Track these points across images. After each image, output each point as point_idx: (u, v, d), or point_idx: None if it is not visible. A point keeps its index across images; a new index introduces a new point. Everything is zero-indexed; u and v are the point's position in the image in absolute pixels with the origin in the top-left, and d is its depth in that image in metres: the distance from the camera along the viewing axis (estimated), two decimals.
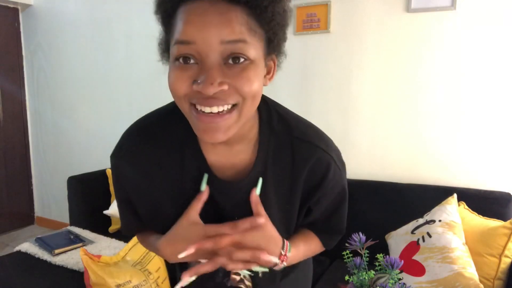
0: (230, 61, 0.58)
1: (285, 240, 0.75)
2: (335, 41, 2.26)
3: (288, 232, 0.79)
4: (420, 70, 2.07)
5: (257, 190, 0.71)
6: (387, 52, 2.14)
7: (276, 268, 0.74)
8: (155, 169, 0.73)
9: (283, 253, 0.73)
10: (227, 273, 0.80)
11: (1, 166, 3.50)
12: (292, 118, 0.77)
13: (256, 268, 0.72)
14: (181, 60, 0.59)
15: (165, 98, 0.75)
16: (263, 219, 0.68)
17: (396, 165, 2.19)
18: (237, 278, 0.79)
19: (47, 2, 3.39)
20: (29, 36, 3.56)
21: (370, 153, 2.25)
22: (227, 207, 0.74)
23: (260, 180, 0.71)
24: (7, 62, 3.50)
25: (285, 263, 0.73)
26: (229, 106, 0.60)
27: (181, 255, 0.66)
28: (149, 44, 2.91)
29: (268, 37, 0.63)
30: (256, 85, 0.60)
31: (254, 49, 0.60)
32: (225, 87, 0.58)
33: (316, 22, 2.28)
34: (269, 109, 0.75)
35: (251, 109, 0.63)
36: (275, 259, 0.71)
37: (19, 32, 3.57)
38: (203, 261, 0.69)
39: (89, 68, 3.25)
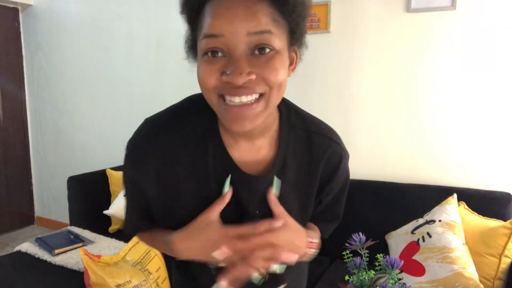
0: (257, 52, 0.60)
1: (307, 229, 0.77)
2: (335, 41, 2.26)
3: (304, 224, 0.80)
4: (420, 70, 2.07)
5: (274, 190, 0.72)
6: (387, 52, 2.14)
7: (307, 256, 0.75)
8: (178, 165, 0.71)
9: (311, 240, 0.76)
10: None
11: (1, 166, 3.50)
12: (307, 114, 0.81)
13: (276, 267, 0.71)
14: (209, 54, 0.61)
15: (165, 98, 0.75)
16: (282, 220, 0.69)
17: (396, 165, 2.19)
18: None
19: (47, 2, 3.39)
20: (29, 36, 3.56)
21: (370, 153, 2.25)
22: (250, 202, 0.73)
23: (275, 179, 0.72)
24: (7, 62, 3.50)
25: (315, 250, 0.76)
26: (257, 96, 0.62)
27: (215, 254, 0.66)
28: (149, 44, 2.92)
29: (290, 28, 0.65)
30: (282, 75, 0.62)
31: (278, 40, 0.61)
32: (253, 76, 0.60)
33: (316, 22, 2.28)
34: (287, 106, 0.78)
35: (277, 98, 0.64)
36: (306, 251, 0.74)
37: (19, 32, 3.57)
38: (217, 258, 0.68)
39: (89, 68, 3.25)
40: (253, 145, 0.72)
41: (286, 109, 0.77)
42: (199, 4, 0.63)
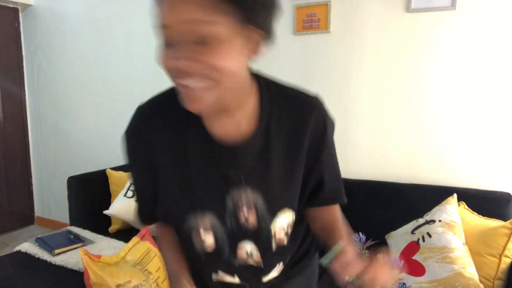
0: (202, 41, 0.60)
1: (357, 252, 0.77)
2: (335, 41, 2.26)
3: (291, 192, 0.81)
4: (420, 70, 2.07)
5: (326, 260, 0.73)
6: (387, 52, 2.14)
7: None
8: (162, 144, 0.76)
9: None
10: (233, 251, 0.80)
11: (1, 166, 3.50)
12: (286, 84, 0.82)
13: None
14: (163, 42, 0.64)
15: None
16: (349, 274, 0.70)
17: (396, 165, 2.19)
18: (244, 255, 0.81)
19: (47, 2, 3.39)
20: (29, 36, 3.56)
21: (370, 153, 2.25)
22: (233, 172, 0.76)
23: (332, 252, 0.72)
24: (7, 62, 3.50)
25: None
26: (203, 84, 0.63)
27: None
28: (149, 44, 2.91)
29: (243, 13, 0.62)
30: (228, 63, 0.63)
31: (222, 28, 0.61)
32: (193, 63, 0.61)
33: (316, 22, 2.28)
34: (266, 79, 0.80)
35: (231, 83, 0.65)
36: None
37: (19, 32, 3.57)
38: None
39: (89, 68, 3.25)
40: (233, 119, 0.74)
41: (265, 82, 0.79)
42: None
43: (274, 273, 0.88)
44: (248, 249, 0.81)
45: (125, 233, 2.31)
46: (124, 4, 2.98)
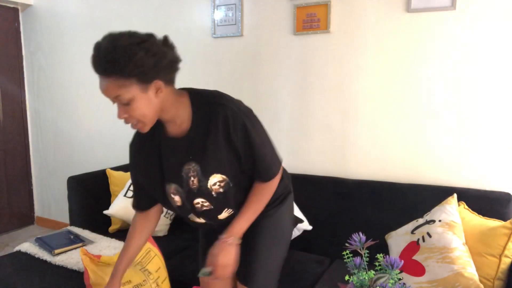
0: (126, 103, 1.07)
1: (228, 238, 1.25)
2: (335, 41, 2.26)
3: (218, 162, 1.20)
4: (420, 70, 2.07)
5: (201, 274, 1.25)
6: (387, 52, 2.14)
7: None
8: (146, 147, 1.29)
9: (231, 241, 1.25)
10: (192, 205, 1.26)
11: (1, 166, 3.50)
12: (205, 92, 1.22)
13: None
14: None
15: None
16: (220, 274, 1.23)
17: (396, 165, 2.19)
18: (199, 205, 1.26)
19: (47, 2, 3.39)
20: (29, 36, 3.56)
21: (370, 153, 2.25)
22: (172, 155, 1.24)
23: (202, 271, 1.25)
24: (7, 62, 3.50)
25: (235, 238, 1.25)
26: (137, 123, 1.13)
27: None
28: None
29: (140, 79, 1.05)
30: (141, 109, 1.09)
31: (129, 93, 1.05)
32: (126, 115, 1.10)
33: (316, 22, 2.29)
34: (194, 93, 1.22)
35: (149, 118, 1.12)
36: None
37: (19, 32, 3.57)
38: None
39: (89, 68, 3.21)
40: (176, 124, 1.21)
41: (194, 95, 1.21)
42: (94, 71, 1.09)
43: (225, 214, 1.30)
44: (200, 201, 1.26)
45: (125, 233, 2.27)
46: (124, 4, 2.98)
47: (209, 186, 1.22)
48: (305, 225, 2.14)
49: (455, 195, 1.79)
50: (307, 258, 2.07)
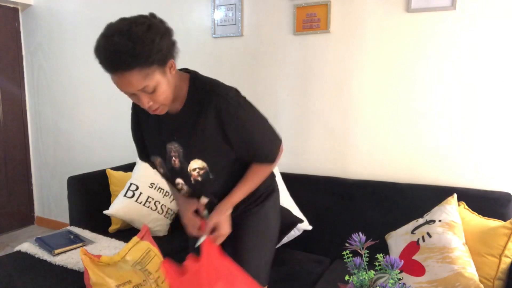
0: (151, 91, 1.08)
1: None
2: (335, 41, 2.26)
3: (201, 148, 1.22)
4: (420, 70, 2.07)
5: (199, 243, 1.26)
6: (387, 52, 2.14)
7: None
8: (141, 116, 1.34)
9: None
10: (174, 183, 1.33)
11: (1, 166, 3.51)
12: (205, 79, 1.23)
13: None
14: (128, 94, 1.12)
15: None
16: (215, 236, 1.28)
17: (396, 165, 2.19)
18: (180, 186, 1.32)
19: (47, 2, 3.39)
20: (29, 36, 3.56)
21: (370, 153, 2.25)
22: (168, 129, 1.25)
23: (202, 238, 1.26)
24: (7, 62, 3.50)
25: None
26: (160, 107, 1.14)
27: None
28: None
29: (160, 63, 1.06)
30: (165, 93, 1.11)
31: (153, 81, 1.06)
32: (151, 103, 1.11)
33: (316, 22, 2.29)
34: (195, 77, 1.22)
35: (169, 100, 1.15)
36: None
37: (19, 32, 3.57)
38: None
39: (89, 68, 3.25)
40: (174, 104, 1.22)
41: (193, 78, 1.22)
42: (108, 72, 1.08)
43: (205, 199, 1.33)
44: (180, 182, 1.31)
45: (125, 233, 2.31)
46: (124, 3, 2.98)
47: (189, 170, 1.25)
48: (305, 225, 2.14)
49: (455, 195, 1.79)
50: (307, 258, 2.07)
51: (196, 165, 1.24)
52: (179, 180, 1.30)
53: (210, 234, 1.26)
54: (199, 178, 1.26)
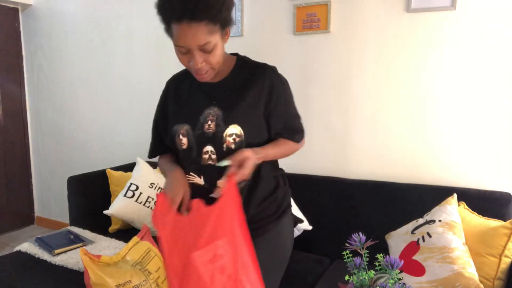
0: (205, 48, 1.08)
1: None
2: (335, 41, 2.26)
3: (241, 114, 1.20)
4: (420, 70, 2.07)
5: (223, 163, 1.15)
6: (387, 52, 2.14)
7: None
8: (176, 86, 1.34)
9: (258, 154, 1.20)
10: (199, 153, 1.23)
11: (1, 166, 3.51)
12: (257, 61, 1.29)
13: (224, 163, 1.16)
14: (181, 50, 1.11)
15: None
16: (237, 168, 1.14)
17: (396, 165, 2.19)
18: (206, 155, 1.23)
19: (47, 2, 3.39)
20: (29, 36, 3.56)
21: (370, 153, 2.25)
22: (211, 94, 1.25)
23: (225, 162, 1.15)
24: (7, 62, 3.50)
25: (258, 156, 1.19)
26: (210, 71, 1.15)
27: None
28: (149, 44, 2.92)
29: (221, 24, 1.08)
30: (219, 56, 1.13)
31: (215, 39, 1.08)
32: (204, 64, 1.11)
33: (316, 22, 2.29)
34: (243, 56, 1.31)
35: (219, 65, 1.17)
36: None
37: (19, 32, 3.57)
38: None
39: (89, 68, 3.25)
40: (216, 75, 1.23)
41: (242, 57, 1.30)
42: (168, 22, 1.08)
43: (223, 181, 1.24)
44: (209, 149, 1.22)
45: (125, 233, 2.31)
46: (124, 4, 2.98)
47: (224, 135, 1.19)
48: (305, 225, 2.14)
49: (455, 195, 1.79)
50: (307, 258, 2.07)
51: (234, 130, 1.19)
52: (208, 148, 1.21)
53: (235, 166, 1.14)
54: (233, 146, 1.19)
